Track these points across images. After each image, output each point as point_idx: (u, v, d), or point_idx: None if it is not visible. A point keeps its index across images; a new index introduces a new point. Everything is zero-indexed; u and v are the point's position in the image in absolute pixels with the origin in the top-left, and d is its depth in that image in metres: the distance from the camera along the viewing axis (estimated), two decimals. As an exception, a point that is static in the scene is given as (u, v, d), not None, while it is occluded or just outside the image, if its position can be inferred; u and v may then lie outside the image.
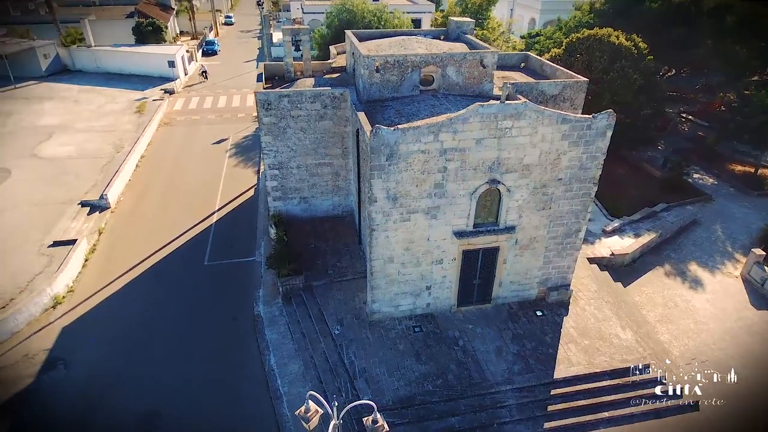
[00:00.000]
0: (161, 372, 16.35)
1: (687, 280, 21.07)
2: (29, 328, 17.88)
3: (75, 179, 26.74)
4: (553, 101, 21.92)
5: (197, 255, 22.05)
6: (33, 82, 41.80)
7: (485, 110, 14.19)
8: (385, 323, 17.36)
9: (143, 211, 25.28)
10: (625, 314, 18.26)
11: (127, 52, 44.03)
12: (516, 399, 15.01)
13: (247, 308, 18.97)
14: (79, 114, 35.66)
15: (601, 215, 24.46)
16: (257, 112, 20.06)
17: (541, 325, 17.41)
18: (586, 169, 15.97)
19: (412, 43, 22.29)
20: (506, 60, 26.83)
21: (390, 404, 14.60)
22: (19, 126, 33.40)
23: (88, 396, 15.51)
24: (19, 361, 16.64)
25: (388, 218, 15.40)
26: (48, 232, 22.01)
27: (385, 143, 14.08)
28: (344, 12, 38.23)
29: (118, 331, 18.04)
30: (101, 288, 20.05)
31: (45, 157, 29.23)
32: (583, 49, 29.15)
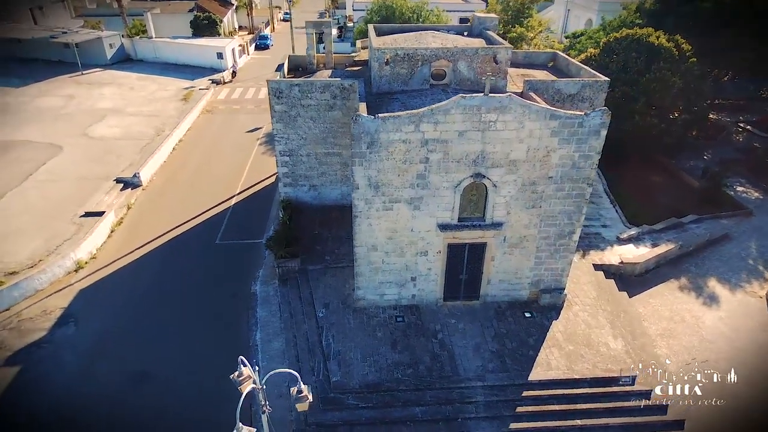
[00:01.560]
0: (159, 337, 17.52)
1: (702, 296, 19.78)
2: (51, 287, 19.68)
3: (116, 158, 28.93)
4: (570, 101, 21.30)
5: (211, 234, 23.28)
6: (98, 69, 45.39)
7: (467, 102, 14.12)
8: (370, 311, 17.63)
9: (171, 191, 26.97)
10: (622, 324, 17.46)
11: (182, 43, 46.87)
12: (485, 396, 14.82)
13: (248, 286, 19.85)
14: (131, 99, 38.41)
15: (619, 222, 23.38)
16: (269, 99, 20.90)
17: (527, 327, 17.02)
18: (579, 169, 15.45)
19: (427, 38, 22.32)
20: (534, 59, 26.26)
21: (357, 388, 14.88)
22: (78, 108, 36.49)
23: (91, 352, 16.92)
24: (38, 315, 18.40)
25: (371, 206, 15.65)
26: (82, 204, 24.02)
27: (366, 131, 14.35)
28: (384, 8, 38.68)
29: (129, 297, 19.47)
30: (120, 257, 21.68)
31: (94, 136, 31.79)
32: (620, 49, 27.90)
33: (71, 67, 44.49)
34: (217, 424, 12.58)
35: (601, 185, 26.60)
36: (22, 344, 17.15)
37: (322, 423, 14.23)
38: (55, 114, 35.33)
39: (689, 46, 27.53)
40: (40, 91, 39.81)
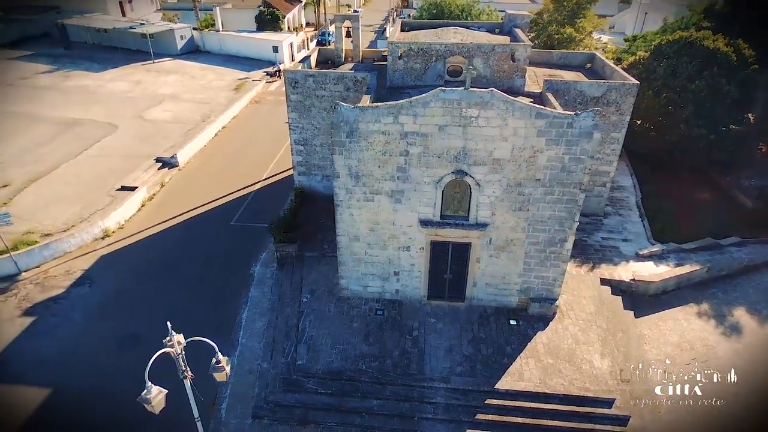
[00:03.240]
0: (157, 304, 18.67)
1: (723, 325, 17.93)
2: (78, 251, 21.62)
3: (162, 139, 31.10)
4: (594, 104, 20.24)
5: (229, 215, 24.42)
6: (168, 58, 48.88)
7: (447, 95, 13.80)
8: (352, 301, 17.71)
9: (203, 173, 28.56)
10: (616, 344, 16.27)
11: (243, 36, 49.35)
12: (446, 399, 14.44)
13: (248, 266, 20.64)
14: (189, 87, 41.05)
15: (643, 237, 21.67)
16: (285, 89, 21.55)
17: (508, 334, 16.33)
18: (570, 173, 14.56)
19: (448, 34, 22.02)
20: (570, 59, 25.13)
21: (319, 373, 15.06)
22: (142, 93, 39.58)
23: (96, 312, 18.43)
24: (61, 274, 20.29)
25: (351, 195, 15.72)
26: (121, 179, 26.11)
27: (345, 120, 14.45)
28: (434, 6, 38.48)
29: (141, 265, 20.94)
30: (144, 229, 23.34)
31: (148, 119, 34.36)
32: (671, 52, 25.82)
33: (145, 56, 48.29)
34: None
35: (634, 197, 24.80)
36: (42, 298, 19.02)
37: (280, 403, 14.55)
38: (122, 97, 38.56)
39: (752, 52, 24.92)
40: (114, 76, 43.61)
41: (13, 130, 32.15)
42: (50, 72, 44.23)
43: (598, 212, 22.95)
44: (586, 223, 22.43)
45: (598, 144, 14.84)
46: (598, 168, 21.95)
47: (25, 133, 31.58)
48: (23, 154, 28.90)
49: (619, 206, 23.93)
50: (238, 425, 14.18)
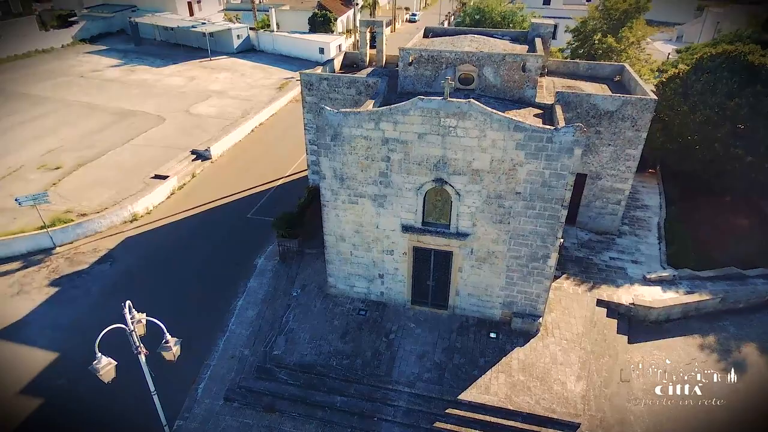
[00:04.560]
0: (164, 286, 20.13)
1: (726, 360, 16.76)
2: (107, 231, 23.63)
3: (201, 133, 33.12)
4: (608, 118, 19.64)
5: (247, 208, 25.69)
6: (224, 56, 51.67)
7: (425, 104, 13.97)
8: (339, 299, 18.22)
9: (233, 167, 30.13)
10: (598, 368, 15.71)
11: (294, 37, 51.22)
12: (407, 403, 14.60)
13: (253, 258, 21.71)
14: (237, 84, 43.26)
15: (656, 261, 20.59)
16: (301, 91, 22.41)
17: (484, 347, 16.19)
18: (551, 188, 14.26)
19: (464, 41, 22.02)
20: (598, 71, 24.38)
21: (291, 364, 15.69)
22: (194, 88, 42.20)
23: (110, 288, 20.12)
24: (89, 251, 22.30)
25: (337, 197, 16.22)
26: (157, 168, 28.14)
27: (329, 124, 14.97)
28: (477, 11, 38.24)
29: (157, 249, 22.58)
30: (168, 216, 25.09)
31: (193, 113, 36.65)
32: (712, 67, 24.22)
33: (205, 53, 51.33)
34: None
35: (657, 218, 23.54)
36: (68, 271, 21.03)
37: (251, 389, 15.32)
38: (175, 92, 41.33)
39: (803, 69, 22.88)
40: (173, 71, 46.74)
41: (75, 117, 35.44)
42: (118, 66, 48.14)
43: (611, 231, 22.04)
44: (597, 241, 21.65)
45: (612, 160, 14.41)
46: (612, 185, 21.17)
47: (85, 121, 34.72)
48: (80, 139, 31.83)
49: (637, 226, 22.82)
50: (210, 405, 15.10)
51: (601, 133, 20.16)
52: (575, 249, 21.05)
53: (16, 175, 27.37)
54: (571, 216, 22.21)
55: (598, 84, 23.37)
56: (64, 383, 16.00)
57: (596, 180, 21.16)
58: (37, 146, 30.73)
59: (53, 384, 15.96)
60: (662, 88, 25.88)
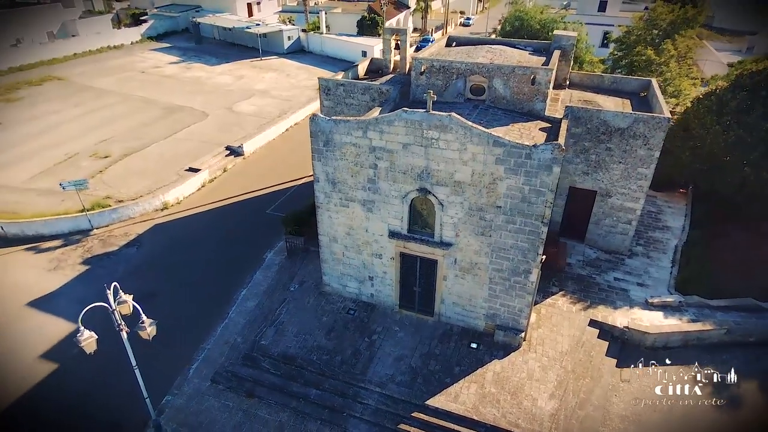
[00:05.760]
0: (178, 271, 21.77)
1: (722, 394, 15.94)
2: (139, 218, 25.70)
3: (239, 129, 35.01)
4: (619, 135, 19.28)
5: (267, 204, 27.05)
6: (274, 57, 53.95)
7: (409, 116, 14.41)
8: (332, 297, 18.99)
9: (262, 164, 31.70)
10: (575, 389, 15.50)
11: (339, 39, 52.63)
12: (377, 403, 15.11)
13: (263, 253, 22.94)
14: (280, 84, 45.15)
15: (664, 285, 19.83)
16: (320, 95, 23.36)
17: (462, 356, 16.39)
18: (531, 204, 14.29)
19: (479, 52, 22.14)
20: (623, 85, 23.79)
21: (274, 355, 16.62)
22: (240, 87, 44.49)
23: (133, 270, 21.99)
24: (120, 235, 24.40)
25: (330, 200, 16.99)
26: (192, 161, 30.14)
27: (321, 130, 15.75)
28: (516, 19, 37.88)
29: (183, 236, 24.33)
30: (196, 206, 26.90)
31: (235, 111, 38.73)
32: (751, 85, 22.86)
33: (257, 53, 53.84)
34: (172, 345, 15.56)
35: (676, 240, 22.56)
36: (101, 252, 23.16)
37: (236, 374, 16.39)
38: (223, 90, 43.77)
39: None
40: (224, 70, 49.42)
41: (131, 110, 38.46)
42: (177, 63, 51.50)
43: (621, 250, 21.40)
44: (605, 260, 21.12)
45: (623, 178, 14.27)
46: (623, 204, 20.58)
47: (138, 114, 37.61)
48: (130, 131, 34.58)
49: (652, 247, 22.00)
50: (198, 385, 16.32)
51: (612, 150, 19.68)
52: (579, 267, 20.65)
53: (70, 162, 30.23)
54: (580, 232, 21.91)
55: (620, 99, 22.74)
56: (78, 353, 17.73)
57: (606, 197, 20.64)
58: (93, 136, 33.71)
59: (69, 353, 17.77)
60: (696, 104, 24.72)
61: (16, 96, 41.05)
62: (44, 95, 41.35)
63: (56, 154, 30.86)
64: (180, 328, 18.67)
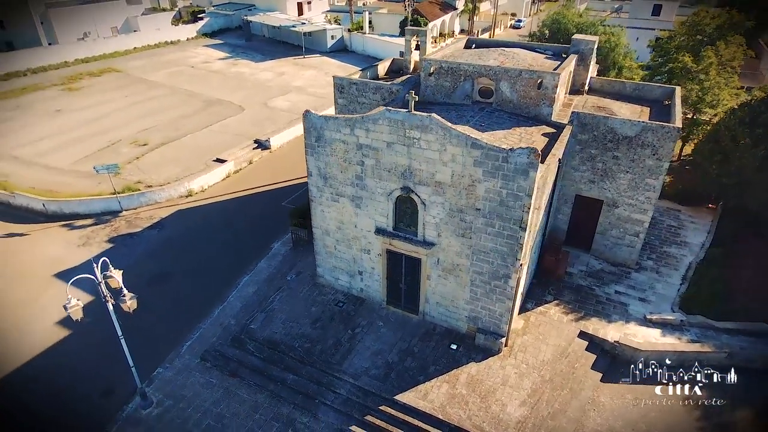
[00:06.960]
0: (192, 254, 23.10)
1: (712, 420, 15.20)
2: (165, 203, 27.38)
3: (270, 124, 36.37)
4: (627, 144, 18.77)
5: (283, 196, 28.05)
6: (317, 55, 55.37)
7: (392, 115, 14.70)
8: (324, 289, 19.56)
9: (286, 158, 32.80)
10: (550, 399, 15.23)
11: (379, 39, 53.26)
12: (348, 393, 15.51)
13: (271, 242, 23.88)
14: (317, 81, 46.31)
15: (668, 302, 18.97)
16: (334, 93, 24.00)
17: (440, 356, 16.48)
18: (509, 208, 14.22)
19: (491, 54, 22.00)
20: (646, 92, 23.01)
21: (260, 339, 17.38)
22: (279, 83, 46.07)
23: (151, 251, 23.54)
24: (145, 218, 26.12)
25: (322, 194, 17.54)
26: (221, 152, 31.68)
27: (313, 126, 16.31)
28: (554, 23, 37.09)
29: (201, 223, 25.72)
30: (219, 195, 28.31)
31: (270, 106, 40.21)
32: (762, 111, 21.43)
33: (298, 51, 55.47)
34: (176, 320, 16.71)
35: (692, 257, 21.47)
36: (126, 232, 24.91)
37: (224, 354, 17.28)
38: (263, 85, 45.50)
39: None
40: (267, 67, 51.30)
41: (175, 103, 40.81)
42: (225, 59, 53.97)
43: (627, 263, 20.66)
44: (609, 272, 20.47)
45: (630, 189, 14.08)
46: (630, 215, 19.89)
47: (181, 107, 39.86)
48: (171, 122, 36.74)
49: (664, 263, 21.06)
50: (188, 360, 17.35)
51: (619, 159, 19.06)
52: (580, 277, 20.13)
53: (112, 148, 32.56)
54: (586, 242, 21.33)
55: (639, 107, 21.91)
56: (89, 322, 19.29)
57: (613, 208, 20.00)
58: (137, 124, 36.09)
59: (82, 322, 19.31)
60: (729, 115, 23.40)
61: (78, 86, 44.53)
62: (101, 86, 44.61)
63: (101, 141, 33.33)
64: (184, 307, 19.88)
